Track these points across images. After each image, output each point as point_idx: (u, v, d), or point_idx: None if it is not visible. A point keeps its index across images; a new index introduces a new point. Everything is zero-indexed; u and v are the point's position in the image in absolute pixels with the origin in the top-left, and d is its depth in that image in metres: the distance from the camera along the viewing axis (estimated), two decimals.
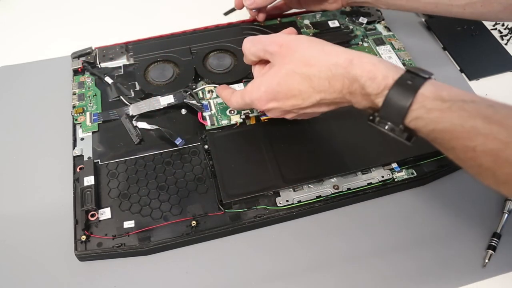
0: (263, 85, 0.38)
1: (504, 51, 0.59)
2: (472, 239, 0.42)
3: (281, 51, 0.37)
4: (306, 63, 0.36)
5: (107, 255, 0.40)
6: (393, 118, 0.32)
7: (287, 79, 0.37)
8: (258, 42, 0.40)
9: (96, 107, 0.49)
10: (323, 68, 0.35)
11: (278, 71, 0.37)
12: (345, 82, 0.34)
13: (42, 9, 0.65)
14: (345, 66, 0.34)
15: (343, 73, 0.34)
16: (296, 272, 0.40)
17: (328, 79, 0.35)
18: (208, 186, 0.43)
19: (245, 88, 0.40)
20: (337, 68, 0.34)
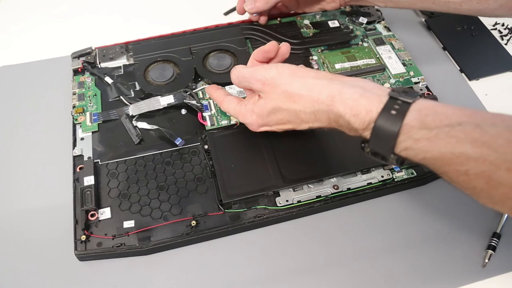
0: (254, 113, 0.40)
1: (504, 51, 0.59)
2: (472, 239, 0.42)
3: (264, 89, 0.39)
4: (289, 99, 0.37)
5: (107, 255, 0.40)
6: (383, 150, 0.33)
7: (275, 112, 0.39)
8: (243, 79, 0.41)
9: (96, 107, 0.49)
10: (307, 104, 0.36)
11: (266, 104, 0.39)
12: (330, 117, 0.36)
13: (42, 9, 0.65)
14: (328, 104, 0.35)
15: (326, 110, 0.35)
16: (296, 272, 0.40)
17: (314, 113, 0.36)
18: (208, 186, 0.43)
19: (238, 107, 0.42)
20: (320, 105, 0.36)
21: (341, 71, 0.53)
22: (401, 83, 0.52)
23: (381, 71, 0.53)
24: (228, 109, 0.44)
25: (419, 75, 0.53)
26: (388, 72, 0.53)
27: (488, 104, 0.53)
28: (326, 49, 0.56)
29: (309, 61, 0.55)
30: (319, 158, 0.45)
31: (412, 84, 0.53)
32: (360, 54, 0.55)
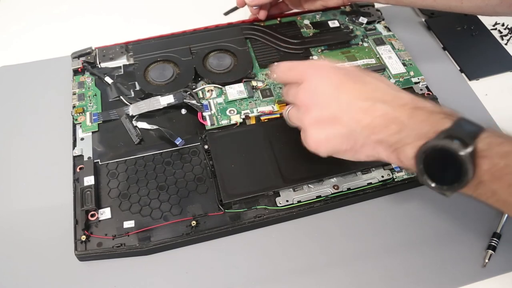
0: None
1: (504, 51, 0.59)
2: (472, 239, 0.42)
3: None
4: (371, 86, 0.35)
5: (107, 255, 0.40)
6: (465, 135, 0.29)
7: (359, 73, 0.36)
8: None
9: (96, 107, 0.49)
10: (394, 86, 0.35)
11: None
12: (409, 101, 0.33)
13: (42, 9, 0.65)
14: (413, 94, 0.34)
15: (410, 96, 0.34)
16: (296, 272, 0.40)
17: (394, 93, 0.34)
18: (208, 186, 0.43)
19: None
20: (406, 92, 0.35)
21: None
22: (401, 83, 0.52)
23: (381, 71, 0.53)
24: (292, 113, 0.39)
25: (419, 75, 0.53)
26: (388, 72, 0.53)
27: (488, 104, 0.53)
28: (326, 49, 0.56)
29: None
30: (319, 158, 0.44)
31: (412, 84, 0.53)
32: (360, 54, 0.55)
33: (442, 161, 0.30)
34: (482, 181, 0.29)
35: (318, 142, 0.36)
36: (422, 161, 0.31)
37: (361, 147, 0.35)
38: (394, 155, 0.33)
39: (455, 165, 0.29)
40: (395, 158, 0.34)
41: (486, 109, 0.52)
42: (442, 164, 0.30)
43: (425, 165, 0.31)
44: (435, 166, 0.30)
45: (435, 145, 0.30)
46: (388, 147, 0.33)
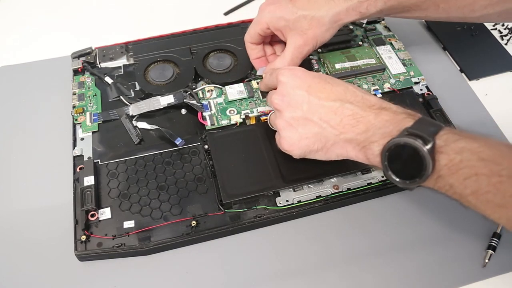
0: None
1: (504, 51, 0.59)
2: (472, 239, 0.42)
3: None
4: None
5: (107, 255, 0.40)
6: (425, 132, 0.31)
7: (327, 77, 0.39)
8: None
9: (96, 107, 0.49)
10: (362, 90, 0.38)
11: None
12: (376, 103, 0.36)
13: (42, 9, 0.65)
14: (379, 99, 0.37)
15: (377, 99, 0.37)
16: (296, 272, 0.40)
17: (362, 95, 0.37)
18: (208, 186, 0.43)
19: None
20: (373, 95, 0.38)
21: (341, 71, 0.53)
22: (401, 83, 0.52)
23: (381, 71, 0.53)
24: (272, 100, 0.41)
25: (419, 75, 0.53)
26: (388, 72, 0.53)
27: (488, 104, 0.53)
28: (326, 49, 0.56)
29: (309, 61, 0.54)
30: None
31: (412, 84, 0.53)
32: (360, 54, 0.55)
33: (404, 157, 0.32)
34: (440, 175, 0.31)
35: (291, 143, 0.39)
36: (386, 158, 0.33)
37: (332, 146, 0.38)
38: (362, 153, 0.36)
39: (416, 161, 0.31)
40: (363, 156, 0.36)
41: (486, 109, 0.52)
42: (405, 160, 0.32)
43: (390, 161, 0.33)
44: (398, 162, 0.33)
45: (398, 142, 0.32)
46: (356, 146, 0.36)
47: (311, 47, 0.45)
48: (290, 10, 0.44)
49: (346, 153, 0.37)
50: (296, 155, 0.40)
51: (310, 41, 0.45)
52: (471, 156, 0.30)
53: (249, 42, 0.49)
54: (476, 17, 0.47)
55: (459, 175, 0.30)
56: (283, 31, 0.46)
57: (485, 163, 0.29)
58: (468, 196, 0.30)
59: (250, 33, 0.48)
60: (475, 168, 0.30)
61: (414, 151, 0.31)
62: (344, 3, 0.44)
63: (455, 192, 0.31)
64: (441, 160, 0.31)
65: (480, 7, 0.45)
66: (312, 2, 0.44)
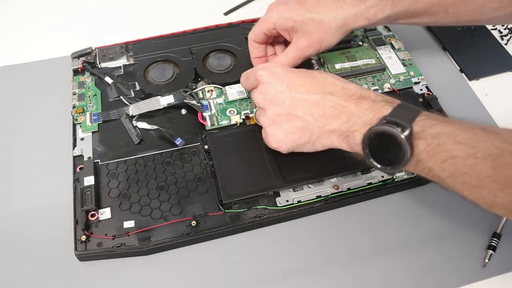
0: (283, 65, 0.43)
1: (504, 51, 0.59)
2: (472, 239, 0.42)
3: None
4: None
5: (107, 255, 0.40)
6: (402, 119, 0.33)
7: (305, 71, 0.40)
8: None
9: (96, 107, 0.49)
10: (341, 79, 0.39)
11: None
12: (355, 92, 0.38)
13: (42, 9, 0.65)
14: (360, 86, 0.39)
15: (356, 87, 0.38)
16: (296, 272, 0.40)
17: (341, 85, 0.38)
18: (208, 186, 0.43)
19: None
20: (352, 84, 0.39)
21: (341, 71, 0.53)
22: (401, 83, 0.52)
23: (381, 71, 0.53)
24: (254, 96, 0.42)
25: (419, 75, 0.53)
26: (388, 72, 0.53)
27: (488, 104, 0.53)
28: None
29: (309, 61, 0.54)
30: (319, 158, 0.44)
31: (412, 84, 0.53)
32: (360, 54, 0.55)
33: (384, 144, 0.33)
34: (419, 159, 0.32)
35: (277, 140, 0.40)
36: (367, 146, 0.34)
37: (318, 138, 0.39)
38: (345, 142, 0.37)
39: (396, 147, 0.32)
40: (346, 145, 0.37)
41: (486, 109, 0.52)
42: (385, 147, 0.33)
43: (371, 149, 0.34)
44: (379, 149, 0.34)
45: (377, 130, 0.33)
46: (339, 136, 0.37)
47: (314, 50, 0.46)
48: (299, 12, 0.44)
49: (332, 143, 0.38)
50: (284, 150, 0.41)
51: (314, 44, 0.45)
52: (447, 140, 0.31)
53: (253, 40, 0.49)
54: (486, 19, 0.47)
55: (437, 158, 0.31)
56: (289, 32, 0.46)
57: (461, 146, 0.31)
58: (446, 179, 0.32)
59: (255, 31, 0.48)
60: (451, 151, 0.31)
61: (393, 139, 0.32)
62: (352, 8, 0.44)
63: (434, 175, 0.32)
64: (419, 145, 0.32)
65: (490, 9, 0.45)
66: (322, 6, 0.44)
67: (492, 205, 0.30)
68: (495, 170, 0.29)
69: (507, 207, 0.30)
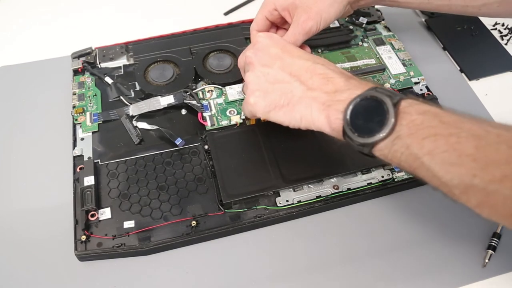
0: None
1: (504, 51, 0.59)
2: (472, 239, 0.42)
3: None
4: None
5: (107, 255, 0.40)
6: (393, 93, 0.33)
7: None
8: None
9: (96, 107, 0.49)
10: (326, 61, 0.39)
11: None
12: (350, 73, 0.38)
13: (42, 9, 0.65)
14: (349, 74, 0.38)
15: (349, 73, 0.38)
16: (296, 272, 0.40)
17: (332, 64, 0.39)
18: (208, 186, 0.43)
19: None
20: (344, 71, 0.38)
21: None
22: (401, 83, 0.52)
23: (381, 71, 0.53)
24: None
25: (419, 75, 0.53)
26: (388, 72, 0.53)
27: (488, 104, 0.53)
28: (326, 49, 0.56)
29: None
30: (319, 158, 0.45)
31: (412, 84, 0.53)
32: (360, 54, 0.55)
33: (367, 111, 0.33)
34: (399, 135, 0.31)
35: (256, 95, 0.39)
36: (349, 112, 0.33)
37: (297, 103, 0.37)
38: (324, 113, 0.35)
39: (379, 115, 0.32)
40: (324, 117, 0.35)
41: (486, 109, 0.52)
42: (367, 114, 0.32)
43: (352, 116, 0.33)
44: (360, 117, 0.33)
45: (364, 95, 0.33)
46: (321, 105, 0.36)
47: (314, 22, 0.44)
48: None
49: (310, 114, 0.36)
50: (260, 109, 0.39)
51: (313, 16, 0.44)
52: (433, 118, 0.31)
53: (255, 30, 0.48)
54: (478, 6, 0.48)
55: (418, 135, 0.31)
56: (290, 11, 0.46)
57: (446, 126, 0.30)
58: (423, 156, 0.30)
59: (256, 19, 0.48)
60: (435, 129, 0.30)
61: (379, 105, 0.32)
62: None
63: (410, 153, 0.31)
64: (402, 120, 0.31)
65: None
66: None
67: (467, 187, 0.29)
68: (477, 149, 0.28)
69: (485, 189, 0.28)
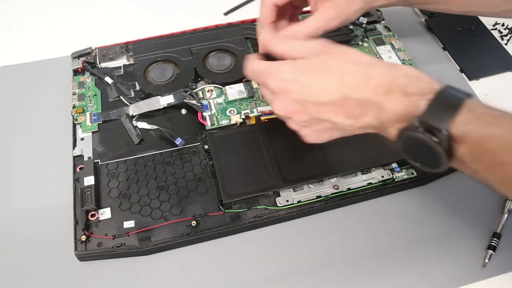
0: (295, 61, 0.35)
1: (504, 51, 0.59)
2: (472, 239, 0.42)
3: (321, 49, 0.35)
4: (345, 55, 0.34)
5: (107, 255, 0.40)
6: (438, 121, 0.29)
7: (321, 63, 0.34)
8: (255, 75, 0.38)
9: (96, 107, 0.49)
10: (363, 62, 0.33)
11: (314, 57, 0.34)
12: (382, 81, 0.31)
13: (42, 9, 0.65)
14: (388, 65, 0.32)
15: (383, 71, 0.32)
16: (296, 272, 0.40)
17: (364, 75, 0.32)
18: (208, 186, 0.43)
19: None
20: (379, 64, 0.33)
21: None
22: None
23: None
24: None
25: None
26: None
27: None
28: None
29: None
30: (319, 158, 0.45)
31: None
32: None
33: (419, 148, 0.30)
34: (463, 161, 0.29)
35: (314, 138, 0.37)
36: (403, 147, 0.31)
37: (352, 132, 0.35)
38: (382, 133, 0.34)
39: (432, 153, 0.29)
40: (385, 134, 0.34)
41: None
42: (421, 150, 0.30)
43: (406, 149, 0.31)
44: (415, 151, 0.31)
45: (409, 136, 0.30)
46: (374, 129, 0.34)
47: (338, 23, 0.42)
48: None
49: (368, 131, 0.35)
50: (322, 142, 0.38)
51: (341, 17, 0.41)
52: (495, 144, 0.28)
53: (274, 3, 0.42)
54: (497, 12, 0.48)
55: (483, 162, 0.28)
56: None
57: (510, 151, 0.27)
58: (495, 184, 0.29)
59: (264, 10, 0.42)
60: (500, 157, 0.28)
61: (427, 146, 0.29)
62: None
63: (481, 178, 0.30)
64: (461, 149, 0.29)
65: (503, 1, 0.45)
66: None
67: None
68: None
69: None
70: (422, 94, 0.30)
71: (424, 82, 0.31)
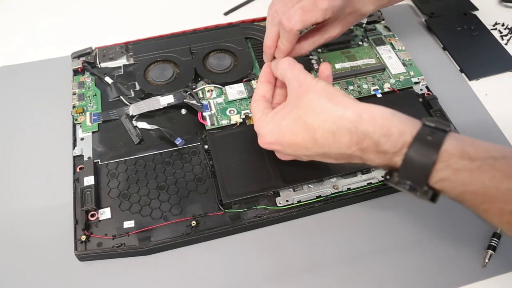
0: (272, 122, 0.36)
1: (504, 51, 0.59)
2: (472, 239, 0.42)
3: (298, 91, 0.35)
4: (312, 110, 0.34)
5: (107, 255, 0.40)
6: (415, 179, 0.30)
7: (293, 124, 0.35)
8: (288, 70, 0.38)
9: (96, 107, 0.49)
10: (327, 119, 0.33)
11: (288, 113, 0.35)
12: (353, 138, 0.32)
13: (42, 9, 0.65)
14: (353, 121, 0.31)
15: (349, 128, 0.32)
16: (296, 272, 0.40)
17: (333, 132, 0.32)
18: (208, 186, 0.43)
19: (260, 114, 0.39)
20: (343, 122, 0.32)
21: (341, 71, 0.53)
22: (401, 83, 0.52)
23: (381, 71, 0.53)
24: (253, 110, 0.40)
25: (419, 75, 0.53)
26: (388, 72, 0.53)
27: (488, 104, 0.53)
28: (326, 49, 0.56)
29: (309, 61, 0.54)
30: None
31: (412, 84, 0.53)
32: (360, 54, 0.55)
33: None
34: (452, 197, 0.30)
35: (307, 158, 0.38)
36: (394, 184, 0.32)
37: (345, 160, 0.35)
38: None
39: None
40: None
41: (486, 109, 0.52)
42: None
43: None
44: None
45: (394, 185, 0.31)
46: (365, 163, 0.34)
47: (351, 23, 0.43)
48: None
49: None
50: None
51: (346, 28, 0.43)
52: (474, 199, 0.29)
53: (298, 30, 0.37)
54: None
55: (469, 201, 0.29)
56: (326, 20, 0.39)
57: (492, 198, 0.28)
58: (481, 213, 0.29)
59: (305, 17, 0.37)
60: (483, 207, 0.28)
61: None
62: None
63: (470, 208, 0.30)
64: (446, 189, 0.29)
65: None
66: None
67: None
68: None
69: None
70: (395, 151, 0.30)
71: (395, 135, 0.30)
